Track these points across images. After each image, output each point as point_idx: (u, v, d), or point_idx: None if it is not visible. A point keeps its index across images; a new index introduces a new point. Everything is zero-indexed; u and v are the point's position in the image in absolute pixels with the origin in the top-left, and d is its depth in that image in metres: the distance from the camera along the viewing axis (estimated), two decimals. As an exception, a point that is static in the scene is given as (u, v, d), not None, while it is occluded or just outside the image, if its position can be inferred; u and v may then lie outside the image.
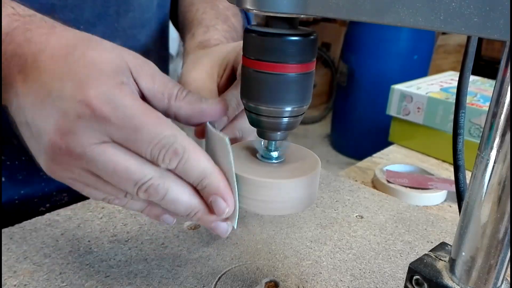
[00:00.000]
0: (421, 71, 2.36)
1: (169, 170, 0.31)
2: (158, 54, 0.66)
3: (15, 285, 0.40)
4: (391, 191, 0.65)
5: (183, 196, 0.32)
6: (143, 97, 0.32)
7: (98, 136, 0.29)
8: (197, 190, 0.33)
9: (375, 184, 0.69)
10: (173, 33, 0.74)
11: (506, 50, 0.23)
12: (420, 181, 0.67)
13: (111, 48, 0.31)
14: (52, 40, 0.31)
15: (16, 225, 0.48)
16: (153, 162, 0.30)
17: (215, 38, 0.53)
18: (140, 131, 0.29)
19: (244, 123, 0.38)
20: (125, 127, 0.29)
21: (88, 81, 0.29)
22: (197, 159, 0.31)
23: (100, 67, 0.29)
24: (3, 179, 0.55)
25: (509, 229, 0.24)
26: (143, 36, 0.61)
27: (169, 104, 0.33)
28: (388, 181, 0.67)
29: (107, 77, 0.29)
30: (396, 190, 0.65)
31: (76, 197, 0.57)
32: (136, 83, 0.32)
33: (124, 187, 0.31)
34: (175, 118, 0.34)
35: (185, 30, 0.63)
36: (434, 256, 0.29)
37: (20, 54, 0.31)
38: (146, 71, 0.32)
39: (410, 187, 0.66)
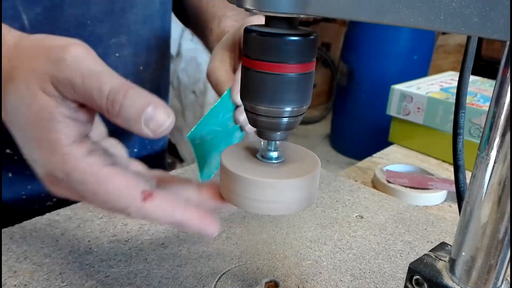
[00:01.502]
0: (421, 71, 2.36)
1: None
2: (160, 51, 0.67)
3: (15, 285, 0.40)
4: (391, 191, 0.65)
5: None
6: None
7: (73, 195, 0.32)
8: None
9: (375, 184, 0.69)
10: (173, 33, 0.74)
11: (506, 50, 0.23)
12: (420, 181, 0.67)
13: (27, 95, 0.30)
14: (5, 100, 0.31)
15: (16, 225, 0.48)
16: None
17: (228, 25, 0.57)
18: (96, 200, 0.31)
19: None
20: (85, 195, 0.31)
21: (37, 161, 0.31)
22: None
23: (41, 144, 0.30)
24: (10, 174, 0.55)
25: (509, 229, 0.24)
26: (146, 32, 0.62)
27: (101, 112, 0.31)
28: (388, 181, 0.67)
29: (49, 153, 0.30)
30: (396, 190, 0.65)
31: None
32: (63, 96, 0.30)
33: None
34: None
35: (200, 26, 0.65)
36: (434, 256, 0.29)
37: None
38: (64, 82, 0.29)
39: (410, 187, 0.66)
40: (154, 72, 0.66)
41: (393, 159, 0.80)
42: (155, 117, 0.28)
